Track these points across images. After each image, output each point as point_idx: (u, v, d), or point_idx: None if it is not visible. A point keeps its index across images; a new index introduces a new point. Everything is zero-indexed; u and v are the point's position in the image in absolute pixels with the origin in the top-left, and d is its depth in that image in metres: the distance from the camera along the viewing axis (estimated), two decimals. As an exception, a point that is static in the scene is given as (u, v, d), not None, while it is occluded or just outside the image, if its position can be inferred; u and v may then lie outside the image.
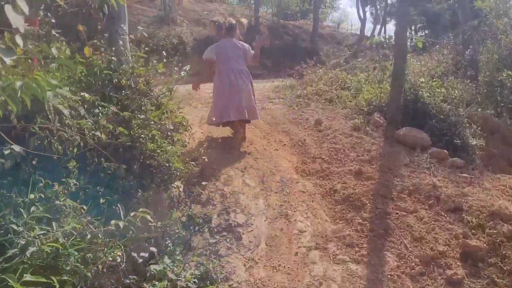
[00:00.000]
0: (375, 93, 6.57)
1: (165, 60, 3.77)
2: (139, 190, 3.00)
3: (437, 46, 8.92)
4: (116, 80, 3.44)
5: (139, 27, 3.72)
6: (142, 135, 3.18)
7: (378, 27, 25.34)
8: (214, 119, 4.92)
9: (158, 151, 3.29)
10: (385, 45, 8.65)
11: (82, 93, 2.87)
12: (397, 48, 5.64)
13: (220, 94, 4.90)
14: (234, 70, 4.86)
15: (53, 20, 3.60)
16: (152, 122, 3.18)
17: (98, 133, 2.90)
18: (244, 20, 5.27)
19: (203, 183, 3.90)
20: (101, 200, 2.73)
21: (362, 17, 21.98)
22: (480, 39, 8.29)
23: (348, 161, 4.91)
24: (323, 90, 7.61)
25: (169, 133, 3.70)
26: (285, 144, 5.28)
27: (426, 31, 22.57)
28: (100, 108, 3.17)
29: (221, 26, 5.06)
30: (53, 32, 3.52)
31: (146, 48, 4.12)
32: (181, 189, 3.74)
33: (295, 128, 5.76)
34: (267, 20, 19.69)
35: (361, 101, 6.56)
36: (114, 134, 3.09)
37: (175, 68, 3.77)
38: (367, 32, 23.34)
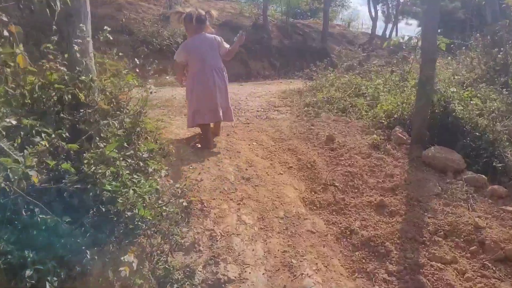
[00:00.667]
0: (396, 103, 5.71)
1: (137, 70, 2.96)
2: (88, 251, 2.19)
3: (464, 48, 8.01)
4: (70, 96, 2.65)
5: (105, 27, 2.90)
6: (99, 172, 2.38)
7: (390, 26, 24.51)
8: (202, 120, 4.47)
9: (124, 190, 2.49)
10: (404, 47, 7.75)
11: (7, 119, 2.07)
12: (425, 53, 4.77)
13: (200, 94, 4.42)
14: (213, 68, 4.43)
15: (4, 18, 2.83)
16: (114, 156, 2.37)
17: (33, 172, 2.12)
18: (214, 12, 4.73)
19: (184, 229, 3.08)
20: (28, 272, 1.94)
21: (373, 15, 21.18)
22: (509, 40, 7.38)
23: (366, 189, 4.07)
24: (335, 97, 6.76)
25: (141, 164, 2.91)
26: (291, 167, 4.45)
27: (439, 30, 21.64)
28: (43, 136, 2.39)
29: (191, 19, 4.47)
30: (5, 32, 2.76)
31: (120, 53, 3.33)
32: (156, 235, 2.92)
33: (304, 146, 4.92)
34: (276, 19, 18.90)
35: (380, 112, 5.70)
36: (59, 172, 2.30)
37: (149, 80, 2.96)
38: (379, 31, 22.51)
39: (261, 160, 4.50)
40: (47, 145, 2.09)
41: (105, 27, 2.99)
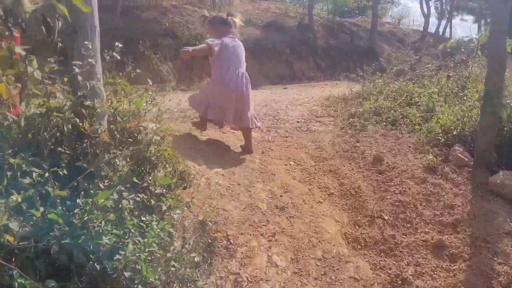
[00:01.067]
0: (455, 116, 5.02)
1: (150, 92, 2.56)
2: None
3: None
4: (70, 126, 2.28)
5: (117, 43, 2.52)
6: (95, 222, 1.99)
7: (443, 22, 23.12)
8: (213, 115, 4.36)
9: (127, 241, 2.09)
10: (463, 49, 6.96)
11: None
12: (493, 60, 4.08)
13: (219, 90, 4.30)
14: (240, 71, 4.32)
15: (16, 34, 2.54)
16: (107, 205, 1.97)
17: (13, 225, 1.77)
18: (237, 19, 4.60)
19: (202, 278, 2.65)
20: None
21: (425, 12, 19.99)
22: None
23: (421, 224, 3.48)
24: (384, 107, 6.13)
25: (153, 202, 2.51)
26: (332, 193, 3.92)
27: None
28: (34, 175, 2.04)
29: (224, 22, 4.46)
30: (19, 49, 2.46)
31: (138, 70, 2.96)
32: (170, 284, 2.51)
33: (347, 166, 4.36)
34: (322, 18, 18.25)
35: (435, 127, 5.03)
36: (47, 222, 1.93)
37: (160, 103, 2.56)
38: (431, 28, 21.26)
39: (298, 184, 4.00)
40: (19, 199, 1.71)
41: (117, 44, 2.62)
